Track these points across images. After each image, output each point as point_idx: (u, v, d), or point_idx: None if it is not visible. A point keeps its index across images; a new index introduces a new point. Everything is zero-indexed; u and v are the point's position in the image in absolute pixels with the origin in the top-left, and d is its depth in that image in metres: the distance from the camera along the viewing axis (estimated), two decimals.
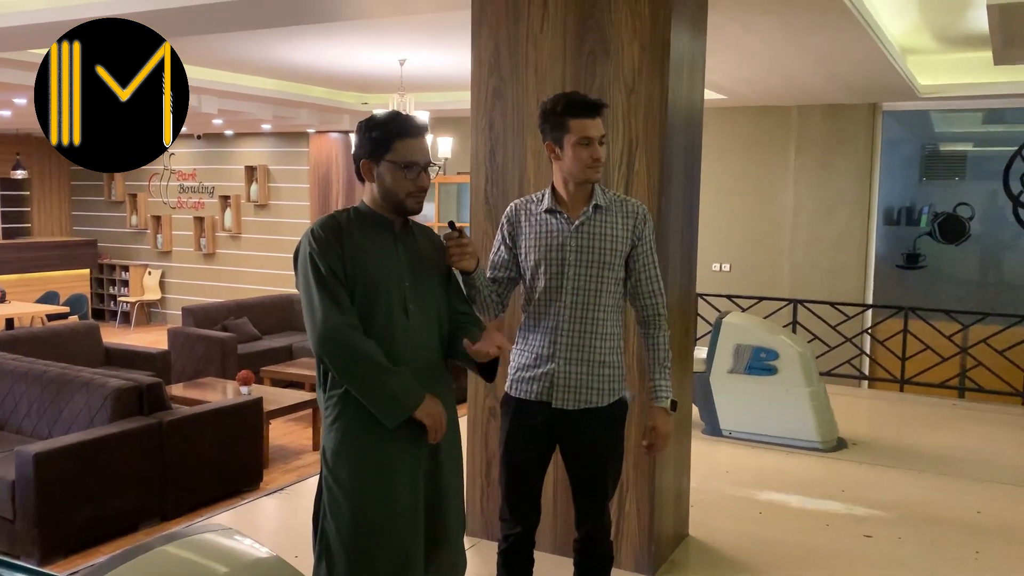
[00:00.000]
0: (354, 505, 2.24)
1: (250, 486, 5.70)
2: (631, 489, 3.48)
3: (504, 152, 3.59)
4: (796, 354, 5.37)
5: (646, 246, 2.60)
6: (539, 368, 2.57)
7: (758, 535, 3.99)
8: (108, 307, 13.38)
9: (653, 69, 3.29)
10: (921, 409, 6.54)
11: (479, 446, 3.77)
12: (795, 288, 8.12)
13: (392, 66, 6.99)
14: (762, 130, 8.31)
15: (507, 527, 2.69)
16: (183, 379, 7.95)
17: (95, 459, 4.72)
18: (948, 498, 4.54)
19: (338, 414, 2.27)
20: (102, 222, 13.66)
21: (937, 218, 7.93)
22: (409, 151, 2.29)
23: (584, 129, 2.48)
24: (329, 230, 2.26)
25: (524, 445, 2.62)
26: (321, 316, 2.19)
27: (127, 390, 5.07)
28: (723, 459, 5.12)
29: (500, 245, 2.68)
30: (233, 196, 12.15)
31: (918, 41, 6.45)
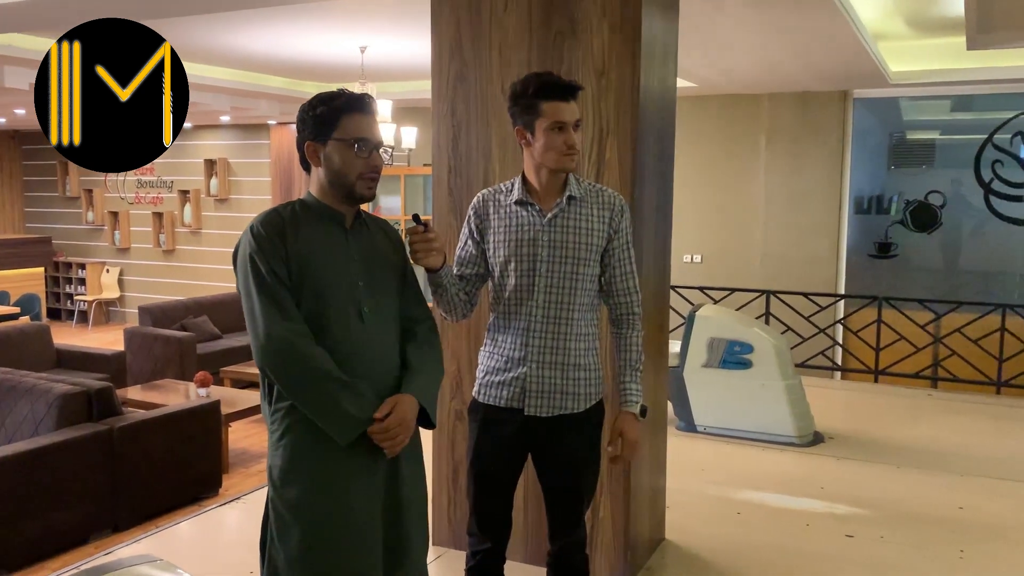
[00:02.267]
0: (305, 530, 2.02)
1: (209, 493, 5.46)
2: (605, 492, 3.31)
3: (468, 140, 3.39)
4: (771, 347, 5.24)
5: (622, 240, 2.41)
6: (510, 372, 2.38)
7: (737, 537, 3.85)
8: (65, 306, 12.97)
9: (624, 51, 3.11)
10: (896, 400, 6.46)
11: (445, 451, 3.58)
12: (767, 279, 8.02)
13: (353, 54, 6.75)
14: (733, 119, 8.18)
15: (475, 543, 2.50)
16: (140, 381, 7.67)
17: (40, 469, 4.46)
18: (929, 493, 4.43)
19: (285, 429, 2.04)
20: (57, 218, 13.23)
21: (908, 206, 7.86)
22: (358, 127, 2.05)
23: (557, 113, 2.27)
24: (271, 227, 2.02)
25: (493, 455, 2.43)
26: (263, 325, 1.97)
27: (74, 396, 4.81)
28: (699, 456, 4.98)
29: (467, 239, 2.47)
30: (192, 190, 11.80)
31: (890, 26, 6.35)
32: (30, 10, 4.71)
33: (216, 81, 7.84)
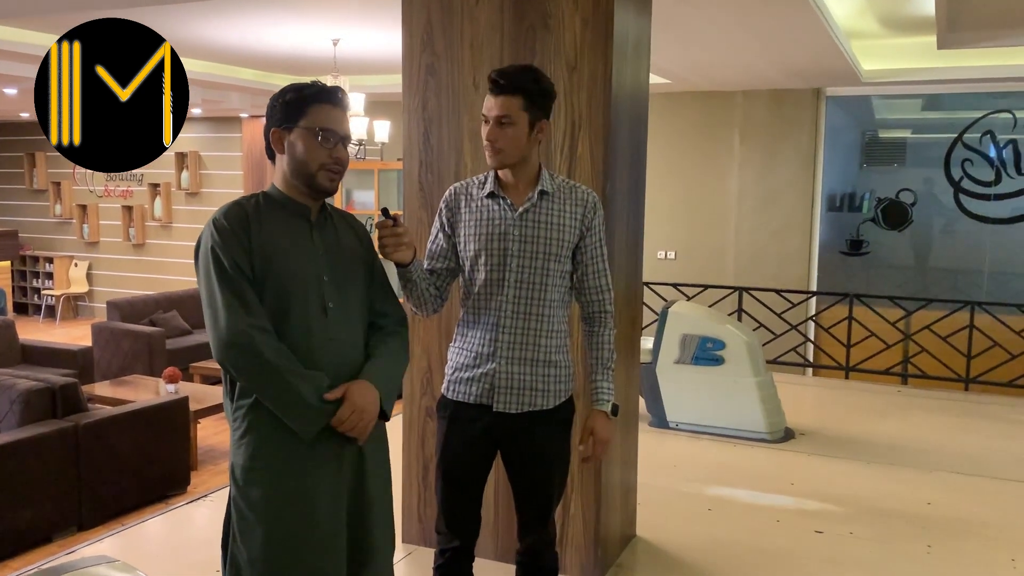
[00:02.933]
0: (268, 529, 1.98)
1: (177, 490, 5.38)
2: (576, 489, 3.29)
3: (439, 134, 3.35)
4: (743, 343, 5.25)
5: (595, 237, 2.38)
6: (479, 368, 2.35)
7: (708, 534, 3.85)
8: (32, 301, 12.76)
9: (596, 45, 3.08)
10: (867, 397, 6.51)
11: (415, 448, 3.55)
12: (740, 275, 8.06)
13: (325, 46, 6.67)
14: (707, 115, 8.20)
15: (444, 541, 2.47)
16: (108, 377, 7.56)
17: (2, 467, 4.35)
18: (898, 489, 4.46)
19: (248, 426, 2.00)
20: (23, 211, 13.00)
21: (880, 204, 7.92)
22: (327, 117, 2.01)
23: (485, 107, 2.29)
24: (234, 219, 1.97)
25: (462, 452, 2.40)
26: (224, 319, 1.92)
27: (37, 392, 4.71)
28: (670, 452, 4.99)
29: (438, 232, 2.44)
30: (163, 184, 11.64)
31: (862, 25, 6.38)
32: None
33: (187, 73, 7.72)
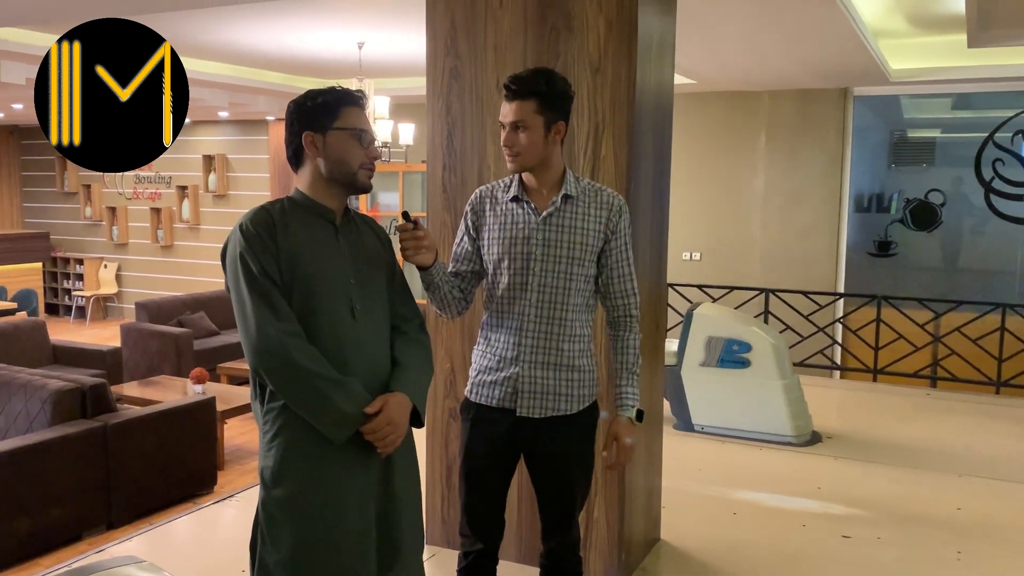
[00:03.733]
0: (298, 531, 1.99)
1: (204, 490, 5.44)
2: (600, 492, 3.28)
3: (462, 137, 3.36)
4: (769, 346, 5.21)
5: (620, 241, 2.37)
6: (502, 372, 2.34)
7: (733, 537, 3.82)
8: (63, 302, 12.95)
9: (620, 47, 3.07)
10: (895, 400, 6.43)
11: (439, 449, 3.55)
12: (766, 277, 7.99)
13: (350, 49, 6.71)
14: (732, 116, 8.14)
15: (467, 543, 2.47)
16: (136, 377, 7.65)
17: (33, 466, 4.43)
18: (927, 494, 4.40)
19: (278, 430, 2.01)
20: (55, 214, 13.20)
21: (908, 205, 7.83)
22: (358, 119, 2.07)
23: (501, 113, 2.30)
24: (261, 225, 1.99)
25: (485, 456, 2.40)
26: (255, 325, 1.93)
27: (67, 392, 4.78)
28: (695, 456, 4.95)
29: (463, 235, 2.44)
30: (191, 186, 11.77)
31: (890, 23, 6.31)
32: (29, 4, 4.68)
33: (214, 77, 7.81)
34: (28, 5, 4.69)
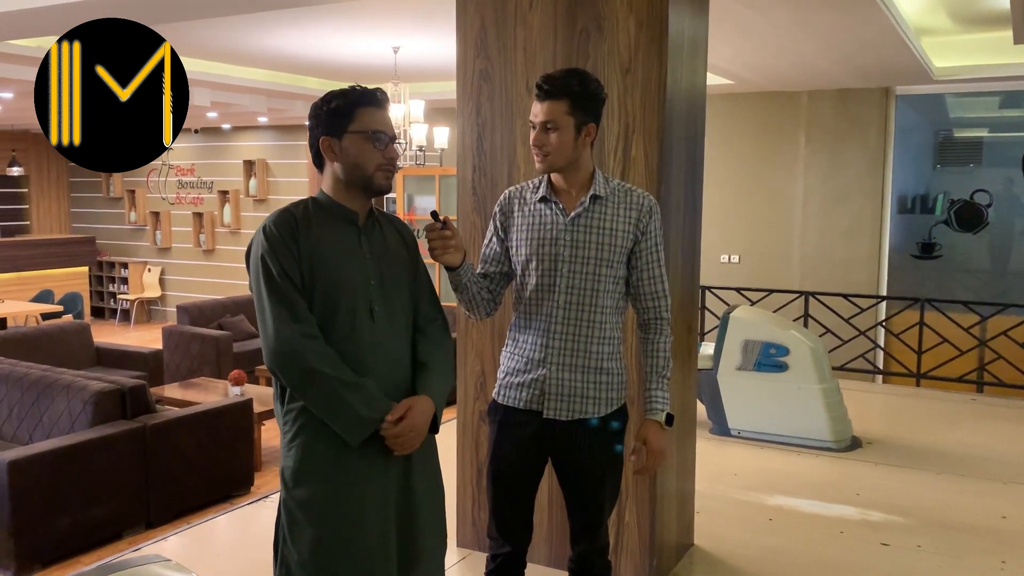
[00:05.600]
0: (318, 530, 2.01)
1: (241, 490, 5.50)
2: (631, 496, 3.25)
3: (492, 139, 3.35)
4: (808, 350, 5.12)
5: (651, 242, 2.33)
6: (529, 374, 2.33)
7: (768, 544, 3.76)
8: (108, 305, 13.22)
9: (650, 47, 3.05)
10: (938, 405, 6.29)
11: (469, 452, 3.55)
12: (805, 280, 7.87)
13: (386, 54, 6.75)
14: (771, 116, 8.04)
15: (495, 546, 2.46)
16: (178, 379, 7.77)
17: (74, 466, 4.52)
18: (969, 502, 4.29)
19: (298, 430, 2.02)
20: (101, 219, 13.49)
21: (954, 206, 7.65)
22: (373, 119, 2.05)
23: (532, 113, 2.29)
24: (283, 226, 2.00)
25: (512, 458, 2.38)
26: (272, 326, 1.95)
27: (108, 393, 4.87)
28: (731, 460, 4.89)
29: (492, 236, 2.43)
30: (232, 191, 11.95)
31: (933, 21, 6.18)
32: (65, 17, 4.77)
33: (253, 82, 7.92)
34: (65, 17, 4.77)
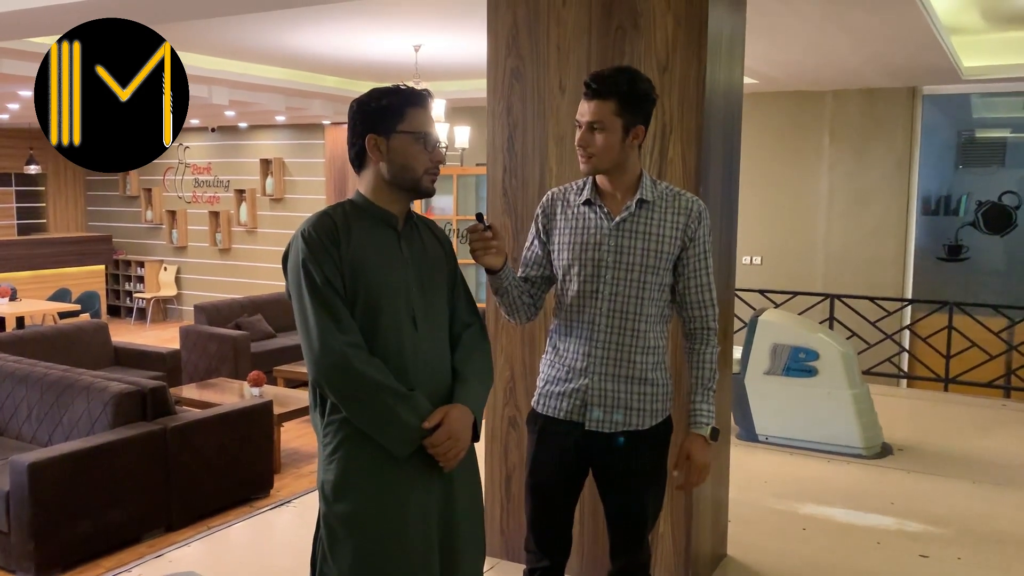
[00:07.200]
0: (358, 545, 1.93)
1: (260, 493, 5.44)
2: (666, 507, 3.13)
3: (523, 139, 3.27)
4: (838, 354, 5.02)
5: (699, 248, 2.24)
6: (570, 383, 2.25)
7: (803, 554, 3.67)
8: (124, 303, 13.22)
9: (689, 45, 2.96)
10: (968, 411, 6.17)
11: (498, 459, 3.47)
12: (829, 282, 7.76)
13: (406, 52, 6.69)
14: (795, 116, 7.93)
15: (533, 560, 2.38)
16: (195, 379, 7.72)
17: (94, 468, 4.46)
18: (1009, 512, 4.19)
19: (339, 443, 1.94)
20: (117, 217, 13.49)
21: (981, 207, 7.52)
22: (422, 120, 1.97)
23: (578, 111, 2.20)
24: (323, 231, 1.92)
25: (552, 470, 2.30)
26: (318, 338, 1.87)
27: (128, 395, 4.81)
28: (761, 467, 4.79)
29: (533, 239, 2.35)
30: (248, 190, 11.92)
31: (964, 19, 6.06)
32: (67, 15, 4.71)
33: (271, 81, 7.86)
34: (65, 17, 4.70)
